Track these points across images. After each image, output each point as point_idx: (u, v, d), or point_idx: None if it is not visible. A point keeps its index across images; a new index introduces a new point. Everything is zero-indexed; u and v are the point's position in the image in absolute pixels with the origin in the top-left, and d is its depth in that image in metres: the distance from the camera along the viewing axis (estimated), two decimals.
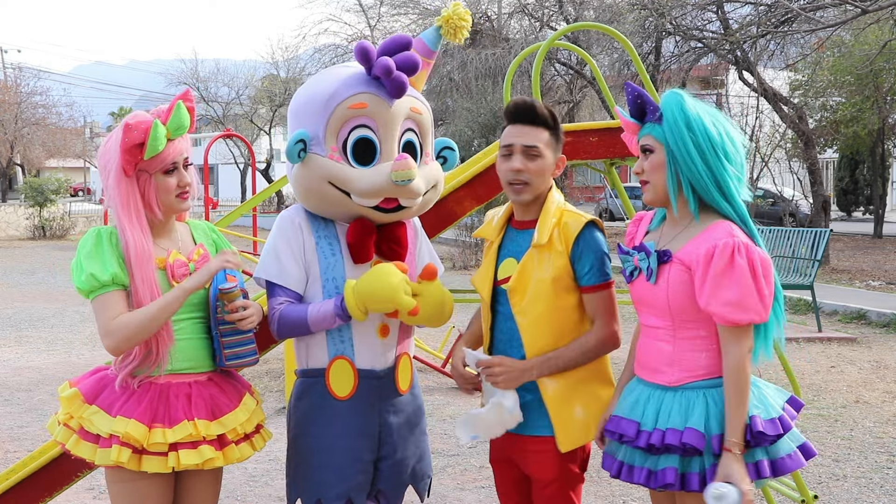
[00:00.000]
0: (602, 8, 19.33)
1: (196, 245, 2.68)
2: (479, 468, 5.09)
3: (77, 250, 2.54)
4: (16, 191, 37.34)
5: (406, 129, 2.66)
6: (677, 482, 2.30)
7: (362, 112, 2.59)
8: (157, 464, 2.48)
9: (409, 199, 2.63)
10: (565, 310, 2.56)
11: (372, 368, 2.66)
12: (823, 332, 9.15)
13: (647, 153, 2.43)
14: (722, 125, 2.38)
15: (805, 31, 13.96)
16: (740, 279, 2.25)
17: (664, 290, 2.37)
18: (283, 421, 6.00)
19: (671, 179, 2.38)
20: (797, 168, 19.57)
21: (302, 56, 29.55)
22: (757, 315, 2.27)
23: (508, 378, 2.53)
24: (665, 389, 2.40)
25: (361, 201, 2.59)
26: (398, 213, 2.65)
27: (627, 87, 2.47)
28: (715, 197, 2.35)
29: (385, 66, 2.55)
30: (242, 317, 2.56)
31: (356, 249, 2.64)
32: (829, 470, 4.97)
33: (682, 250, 2.36)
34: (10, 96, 33.81)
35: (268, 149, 33.29)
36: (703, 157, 2.33)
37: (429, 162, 2.74)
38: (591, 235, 2.57)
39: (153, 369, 2.53)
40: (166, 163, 2.54)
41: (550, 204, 2.60)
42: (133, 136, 2.48)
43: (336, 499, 2.63)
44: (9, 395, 6.94)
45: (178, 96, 2.60)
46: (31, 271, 16.29)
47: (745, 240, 2.31)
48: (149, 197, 2.54)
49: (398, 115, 2.62)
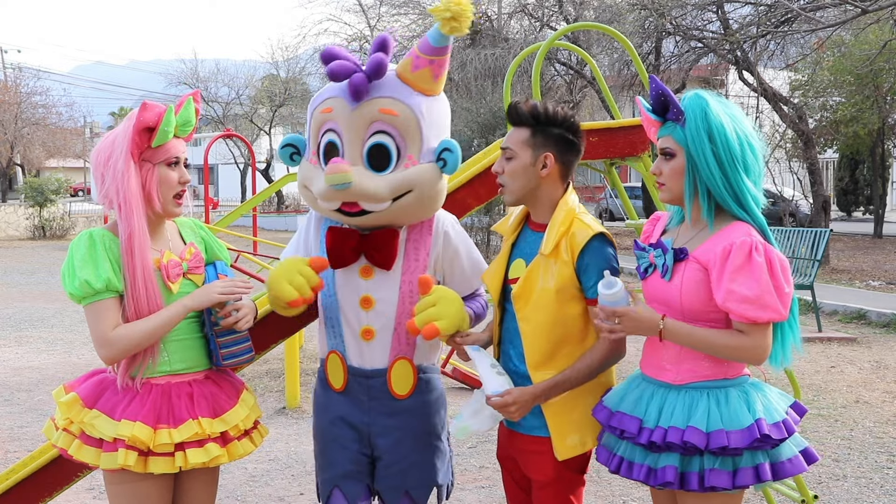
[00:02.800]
0: (602, 8, 19.33)
1: (186, 244, 2.67)
2: (479, 468, 5.09)
3: (69, 254, 2.51)
4: (16, 191, 37.34)
5: (376, 132, 2.60)
6: (677, 481, 2.29)
7: (329, 116, 2.62)
8: (165, 464, 2.48)
9: (367, 203, 2.57)
10: (570, 318, 2.53)
11: (361, 367, 2.71)
12: (823, 332, 9.14)
13: (666, 156, 2.41)
14: (743, 132, 2.35)
15: (805, 31, 13.96)
16: (759, 276, 2.24)
17: (678, 288, 2.36)
18: (283, 421, 6.05)
19: (688, 185, 2.37)
20: (797, 168, 19.57)
21: (302, 56, 29.57)
22: (776, 313, 2.25)
23: (522, 410, 2.48)
24: (669, 387, 2.39)
25: (321, 204, 2.63)
26: (365, 217, 2.61)
27: (652, 82, 2.43)
28: (732, 206, 2.34)
29: (329, 70, 2.57)
30: (236, 319, 2.57)
31: (332, 254, 2.67)
32: (829, 470, 4.96)
33: (698, 249, 2.35)
34: (10, 96, 33.80)
35: (268, 149, 33.30)
36: (722, 169, 2.32)
37: (411, 165, 2.62)
38: (598, 248, 2.51)
39: (146, 367, 2.52)
40: (170, 155, 2.54)
41: (560, 211, 2.54)
42: (147, 116, 2.48)
43: (326, 483, 2.75)
44: (9, 395, 6.95)
45: (188, 94, 2.61)
46: (31, 271, 16.28)
47: (762, 240, 2.30)
48: (150, 188, 2.52)
49: (361, 119, 2.59)
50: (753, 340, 2.27)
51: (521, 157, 2.55)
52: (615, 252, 2.57)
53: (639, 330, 2.35)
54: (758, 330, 2.27)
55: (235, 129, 30.16)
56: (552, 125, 2.54)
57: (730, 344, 2.29)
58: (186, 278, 2.60)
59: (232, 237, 11.95)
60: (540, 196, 2.58)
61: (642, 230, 2.63)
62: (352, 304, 2.70)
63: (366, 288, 2.68)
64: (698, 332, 2.31)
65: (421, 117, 2.63)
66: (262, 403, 6.30)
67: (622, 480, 4.59)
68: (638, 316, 2.33)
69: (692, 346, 2.33)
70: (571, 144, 2.57)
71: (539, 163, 2.54)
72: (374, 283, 2.68)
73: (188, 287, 2.59)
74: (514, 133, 2.58)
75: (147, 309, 2.48)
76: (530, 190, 2.57)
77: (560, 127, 2.55)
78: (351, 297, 2.69)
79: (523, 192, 2.57)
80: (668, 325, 2.32)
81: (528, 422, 2.55)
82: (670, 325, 2.32)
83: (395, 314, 2.67)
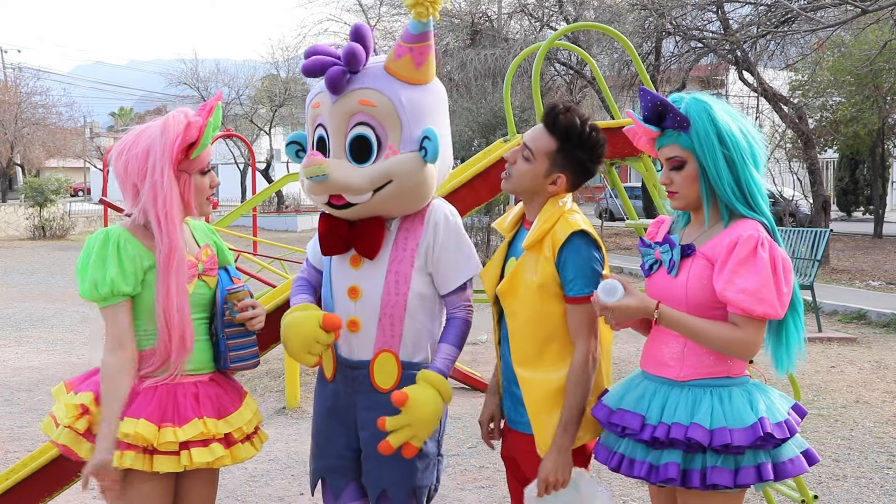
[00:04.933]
0: (602, 8, 19.33)
1: (202, 246, 2.69)
2: (479, 468, 5.08)
3: (85, 253, 2.51)
4: (16, 191, 37.34)
5: (357, 123, 2.64)
6: (679, 478, 2.29)
7: (318, 111, 2.70)
8: (170, 463, 2.48)
9: (349, 195, 2.62)
10: (552, 317, 2.51)
11: (348, 357, 2.74)
12: (823, 332, 9.14)
13: (675, 165, 2.40)
14: (746, 128, 2.37)
15: (805, 31, 13.96)
16: (761, 270, 2.25)
17: (683, 283, 2.36)
18: (283, 421, 6.05)
19: (705, 190, 2.37)
20: (797, 168, 19.58)
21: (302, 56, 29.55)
22: (772, 309, 2.26)
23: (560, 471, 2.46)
24: (672, 384, 2.39)
25: (311, 197, 2.71)
26: (351, 209, 2.64)
27: (644, 95, 2.42)
28: (738, 207, 2.35)
29: (304, 68, 2.66)
30: (253, 315, 2.61)
31: (322, 241, 2.73)
32: (829, 470, 4.96)
33: (706, 245, 2.36)
34: (10, 96, 33.79)
35: (268, 149, 33.29)
36: (732, 169, 2.33)
37: (392, 155, 2.63)
38: (577, 245, 2.48)
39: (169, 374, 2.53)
40: (204, 163, 2.60)
41: (549, 208, 2.54)
42: (191, 133, 2.51)
43: (314, 472, 2.82)
44: (9, 395, 6.94)
45: (215, 98, 2.62)
46: (31, 271, 16.28)
47: (769, 237, 2.31)
48: (188, 197, 2.57)
49: (342, 111, 2.64)
50: (745, 334, 2.28)
51: (538, 165, 2.55)
52: (599, 252, 2.53)
53: (628, 313, 2.34)
54: (751, 324, 2.28)
55: (235, 129, 30.14)
56: (580, 149, 2.53)
57: (722, 335, 2.29)
58: (201, 279, 2.62)
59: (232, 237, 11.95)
60: (537, 199, 2.60)
61: (647, 232, 2.62)
62: (341, 293, 2.72)
63: (354, 278, 2.70)
64: (692, 320, 2.32)
65: (400, 106, 2.62)
66: (262, 403, 6.31)
67: (622, 480, 4.58)
68: (627, 303, 2.33)
69: (685, 333, 2.34)
70: (587, 171, 2.59)
71: (551, 178, 2.55)
72: (362, 273, 2.70)
73: (202, 288, 2.61)
74: (541, 138, 2.55)
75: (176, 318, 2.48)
76: (531, 191, 2.59)
77: (586, 152, 2.54)
78: (341, 286, 2.72)
79: (523, 190, 2.60)
80: (662, 309, 2.33)
81: (524, 418, 2.55)
82: (665, 310, 2.34)
83: (380, 305, 2.67)
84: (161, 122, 2.54)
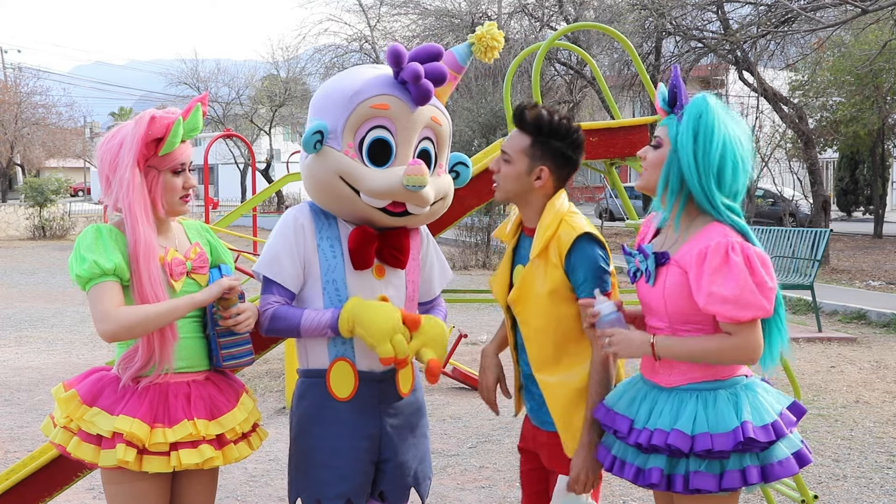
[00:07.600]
0: (602, 8, 19.34)
1: (192, 244, 2.68)
2: (479, 468, 5.09)
3: (76, 245, 2.52)
4: (16, 191, 37.34)
5: (423, 138, 2.68)
6: (662, 483, 2.29)
7: (383, 113, 2.61)
8: (159, 464, 2.48)
9: (417, 205, 2.64)
10: (567, 319, 2.54)
11: (371, 370, 2.67)
12: (823, 332, 9.15)
13: (655, 143, 2.42)
14: (732, 151, 2.32)
15: (805, 31, 13.96)
16: (737, 276, 2.23)
17: (661, 293, 2.36)
18: (283, 421, 6.05)
19: (663, 177, 2.38)
20: (797, 168, 19.59)
21: (302, 56, 29.54)
22: (759, 310, 2.24)
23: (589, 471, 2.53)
24: (660, 389, 2.40)
25: (370, 201, 2.60)
26: (404, 218, 2.66)
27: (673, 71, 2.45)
28: (705, 207, 2.34)
29: (414, 71, 2.58)
30: (236, 322, 2.58)
31: (356, 256, 2.64)
32: (829, 470, 4.97)
33: (679, 252, 2.35)
34: (10, 96, 33.79)
35: (268, 149, 33.28)
36: (698, 172, 2.31)
37: (441, 173, 2.75)
38: (584, 248, 2.51)
39: (159, 370, 2.52)
40: (176, 163, 2.56)
41: (548, 215, 2.55)
42: (156, 129, 2.50)
43: (335, 498, 2.64)
44: (9, 395, 6.95)
45: (196, 98, 2.61)
46: (31, 271, 16.29)
47: (739, 239, 2.29)
48: (154, 194, 2.54)
49: (418, 122, 2.64)
50: (739, 340, 2.27)
51: (517, 164, 2.57)
52: (604, 251, 2.57)
53: (630, 350, 2.39)
54: (742, 329, 2.26)
55: (235, 129, 30.16)
56: (554, 138, 2.55)
57: (722, 346, 2.29)
58: (190, 277, 2.61)
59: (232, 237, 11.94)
60: (531, 200, 2.60)
61: (639, 231, 2.63)
62: None
63: (381, 287, 2.69)
64: (690, 343, 2.32)
65: (450, 130, 2.79)
66: (261, 403, 6.30)
67: (622, 480, 4.58)
68: (629, 336, 2.38)
69: (690, 359, 2.34)
70: (569, 160, 2.58)
71: (534, 174, 2.56)
72: (386, 282, 2.70)
73: (191, 286, 2.60)
74: (515, 138, 2.60)
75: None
76: (521, 193, 2.60)
77: (561, 141, 2.55)
78: (368, 297, 2.65)
79: (514, 194, 2.62)
80: (659, 343, 2.34)
81: (549, 417, 2.58)
82: (661, 342, 2.34)
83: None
84: (137, 117, 2.55)
